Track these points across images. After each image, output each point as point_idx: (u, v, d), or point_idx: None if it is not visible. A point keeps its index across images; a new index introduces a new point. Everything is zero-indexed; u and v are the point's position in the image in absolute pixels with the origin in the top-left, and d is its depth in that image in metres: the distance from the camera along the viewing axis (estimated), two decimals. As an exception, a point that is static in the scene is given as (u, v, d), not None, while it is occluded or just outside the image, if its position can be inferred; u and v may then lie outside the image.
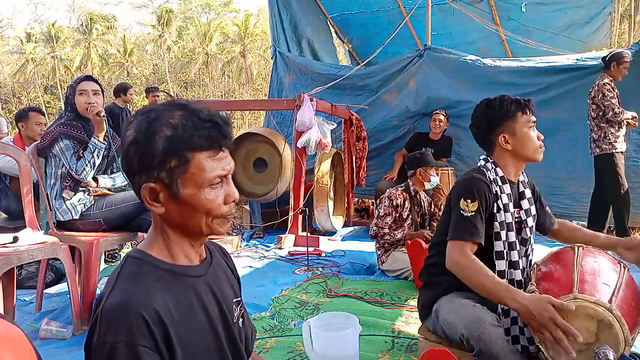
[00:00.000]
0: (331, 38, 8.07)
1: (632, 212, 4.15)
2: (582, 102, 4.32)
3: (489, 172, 1.66)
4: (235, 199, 0.95)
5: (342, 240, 4.66)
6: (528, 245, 1.69)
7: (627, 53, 4.07)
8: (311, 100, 4.30)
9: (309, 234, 3.93)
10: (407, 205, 3.37)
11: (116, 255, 3.97)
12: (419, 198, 3.45)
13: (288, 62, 6.59)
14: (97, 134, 2.53)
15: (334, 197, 5.25)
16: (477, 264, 1.50)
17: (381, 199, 3.44)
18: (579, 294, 1.32)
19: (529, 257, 1.70)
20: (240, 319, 1.06)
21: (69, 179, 2.56)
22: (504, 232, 1.60)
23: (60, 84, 34.40)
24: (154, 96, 6.70)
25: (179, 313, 0.87)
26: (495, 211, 1.61)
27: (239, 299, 1.08)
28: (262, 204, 4.98)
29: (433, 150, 4.82)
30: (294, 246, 4.25)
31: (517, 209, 1.69)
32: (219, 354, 0.95)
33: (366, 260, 3.77)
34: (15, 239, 2.13)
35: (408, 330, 2.27)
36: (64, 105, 2.69)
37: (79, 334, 2.28)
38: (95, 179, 2.63)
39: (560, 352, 1.27)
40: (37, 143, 2.59)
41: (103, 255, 3.62)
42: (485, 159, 1.71)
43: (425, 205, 3.49)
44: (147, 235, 0.97)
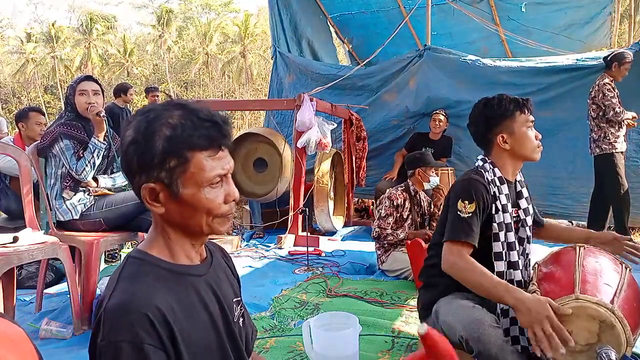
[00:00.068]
0: (331, 38, 8.06)
1: (632, 212, 4.15)
2: (582, 102, 4.31)
3: (486, 172, 1.65)
4: (236, 198, 0.95)
5: (342, 240, 4.65)
6: (526, 244, 1.69)
7: (628, 54, 4.06)
8: (311, 101, 4.30)
9: (309, 234, 3.92)
10: (407, 205, 3.37)
11: (116, 255, 3.96)
12: (419, 198, 3.45)
13: (288, 62, 6.59)
14: (97, 134, 2.53)
15: (334, 197, 5.24)
16: (474, 264, 1.50)
17: (381, 199, 3.43)
18: (580, 295, 1.31)
19: (528, 256, 1.70)
20: (241, 319, 1.06)
21: (69, 179, 2.55)
22: (502, 232, 1.60)
23: (60, 84, 34.40)
24: (154, 96, 6.70)
25: (181, 312, 0.87)
26: (494, 212, 1.61)
27: (239, 298, 1.08)
28: (262, 204, 4.98)
29: (433, 150, 4.82)
30: (294, 246, 4.24)
31: (515, 208, 1.69)
32: (221, 352, 0.95)
33: (366, 260, 3.76)
34: (15, 239, 2.13)
35: (408, 330, 2.27)
36: (64, 105, 2.69)
37: (79, 334, 2.28)
38: (95, 179, 2.63)
39: (547, 349, 1.25)
40: (37, 143, 2.59)
41: (103, 255, 3.62)
42: (483, 159, 1.71)
43: (425, 205, 3.49)
44: (148, 235, 0.97)
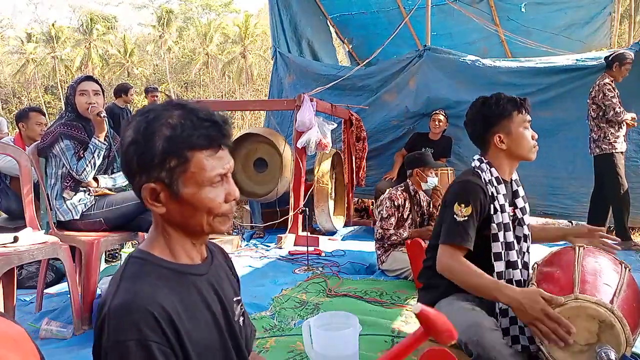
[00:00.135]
0: (331, 39, 8.07)
1: (632, 212, 4.15)
2: (582, 102, 4.32)
3: (484, 173, 1.65)
4: (236, 197, 0.95)
5: (342, 240, 4.66)
6: (523, 243, 1.68)
7: (629, 54, 4.05)
8: (311, 101, 4.30)
9: (309, 233, 3.93)
10: (407, 205, 3.37)
11: (117, 255, 3.96)
12: (419, 198, 3.45)
13: (288, 62, 6.59)
14: (98, 134, 2.54)
15: (334, 197, 5.25)
16: (469, 266, 1.51)
17: (381, 200, 3.42)
18: (580, 295, 1.32)
19: (526, 255, 1.70)
20: (241, 318, 1.06)
21: (69, 179, 2.56)
22: (501, 233, 1.60)
23: (60, 84, 34.41)
24: (153, 96, 6.70)
25: (184, 311, 0.87)
26: (492, 212, 1.60)
27: (239, 297, 1.08)
28: (262, 204, 4.98)
29: (433, 150, 4.82)
30: (294, 246, 4.25)
31: (512, 207, 1.69)
32: (223, 351, 0.95)
33: (366, 260, 3.77)
34: (16, 239, 2.13)
35: (408, 329, 2.27)
36: (64, 106, 2.69)
37: (80, 334, 2.28)
38: (95, 179, 2.63)
39: (556, 341, 1.28)
40: (37, 143, 2.59)
41: (103, 255, 3.62)
42: (479, 159, 1.71)
43: (425, 205, 3.49)
44: (148, 235, 0.97)
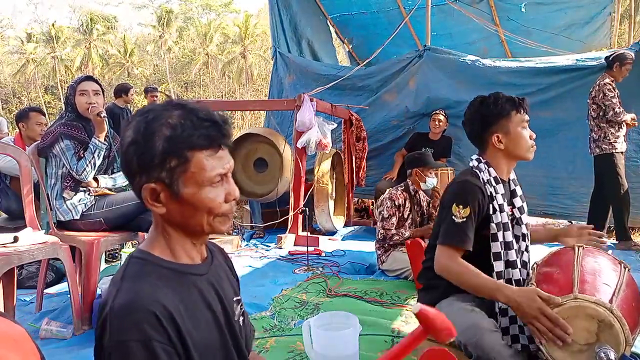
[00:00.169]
0: (331, 39, 8.07)
1: (632, 212, 4.15)
2: (582, 102, 4.32)
3: (482, 172, 1.65)
4: (236, 197, 0.95)
5: (342, 240, 4.66)
6: (521, 242, 1.68)
7: (630, 55, 4.05)
8: (311, 101, 4.30)
9: (309, 233, 3.93)
10: (407, 205, 3.37)
11: (117, 255, 3.96)
12: (419, 198, 3.45)
13: (288, 62, 6.59)
14: (98, 134, 2.54)
15: (334, 197, 5.25)
16: (467, 266, 1.52)
17: (382, 200, 3.42)
18: (579, 294, 1.32)
19: (524, 254, 1.69)
20: (241, 318, 1.06)
21: (69, 179, 2.56)
22: (500, 232, 1.60)
23: (60, 84, 34.42)
24: (153, 96, 6.68)
25: (185, 310, 0.87)
26: (491, 212, 1.61)
27: (239, 297, 1.08)
28: (262, 204, 4.98)
29: (433, 150, 4.82)
30: (294, 246, 4.25)
31: (510, 206, 1.70)
32: (224, 351, 0.95)
33: (366, 260, 3.77)
34: (16, 239, 2.13)
35: (408, 329, 2.27)
36: (64, 106, 2.69)
37: (80, 334, 2.28)
38: (95, 179, 2.64)
39: (554, 340, 1.29)
40: (37, 143, 2.59)
41: (103, 255, 3.62)
42: (478, 158, 1.71)
43: (425, 205, 3.49)
44: (149, 235, 0.97)
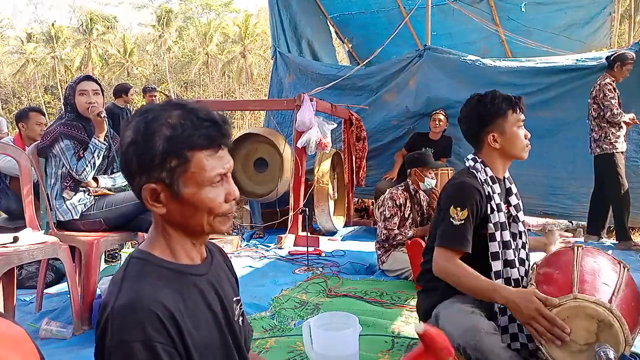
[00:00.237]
0: (331, 38, 8.07)
1: (632, 212, 4.15)
2: (582, 102, 4.32)
3: (479, 172, 1.65)
4: (236, 197, 0.95)
5: (342, 240, 4.66)
6: (519, 240, 1.69)
7: (631, 55, 4.05)
8: (311, 101, 4.30)
9: (309, 234, 3.93)
10: (408, 205, 3.37)
11: (116, 255, 3.96)
12: (419, 197, 3.45)
13: (288, 62, 6.59)
14: (98, 134, 2.53)
15: (334, 197, 5.25)
16: (464, 268, 1.52)
17: (382, 200, 3.41)
18: (579, 294, 1.32)
19: (521, 251, 1.69)
20: (240, 318, 1.06)
21: (69, 179, 2.56)
22: (498, 232, 1.60)
23: (60, 84, 34.41)
24: (151, 96, 6.63)
25: (185, 310, 0.87)
26: (489, 212, 1.61)
27: (238, 297, 1.08)
28: (262, 204, 4.98)
29: (433, 150, 4.82)
30: (294, 246, 4.25)
31: (506, 205, 1.70)
32: (224, 350, 0.95)
33: (366, 260, 3.77)
34: (16, 239, 2.13)
35: (408, 330, 2.27)
36: (63, 106, 2.68)
37: (79, 334, 2.28)
38: (95, 179, 2.63)
39: (553, 340, 1.30)
40: (37, 143, 2.59)
41: (103, 255, 3.62)
42: (473, 158, 1.71)
43: (424, 205, 3.49)
44: (148, 235, 0.97)
